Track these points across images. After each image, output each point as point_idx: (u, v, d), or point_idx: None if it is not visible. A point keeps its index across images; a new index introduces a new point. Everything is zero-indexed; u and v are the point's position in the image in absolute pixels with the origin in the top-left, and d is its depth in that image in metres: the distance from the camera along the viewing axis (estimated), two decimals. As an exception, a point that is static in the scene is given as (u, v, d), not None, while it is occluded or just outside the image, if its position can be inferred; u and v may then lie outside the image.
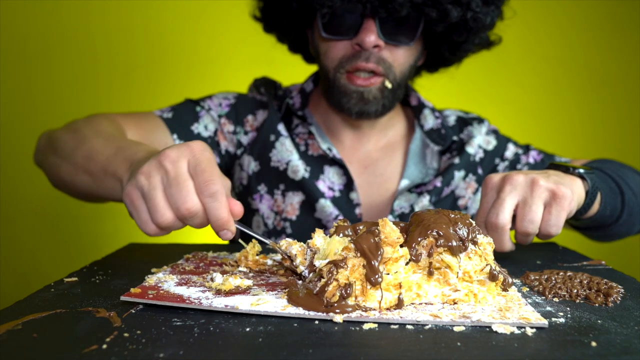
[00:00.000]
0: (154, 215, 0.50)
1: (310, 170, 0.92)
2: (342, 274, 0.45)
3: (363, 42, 0.82)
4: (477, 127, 1.00)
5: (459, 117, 1.04)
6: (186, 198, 0.49)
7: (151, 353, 0.36)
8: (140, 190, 0.51)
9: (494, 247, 0.49)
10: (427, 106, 1.01)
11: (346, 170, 0.92)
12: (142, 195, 0.51)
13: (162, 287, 0.51)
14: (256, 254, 0.60)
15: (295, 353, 0.36)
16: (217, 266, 0.61)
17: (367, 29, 0.82)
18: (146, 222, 0.52)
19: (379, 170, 0.96)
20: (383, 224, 0.47)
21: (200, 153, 0.51)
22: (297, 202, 0.92)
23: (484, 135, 1.00)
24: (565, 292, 0.52)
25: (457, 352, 0.37)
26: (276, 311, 0.44)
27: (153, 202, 0.50)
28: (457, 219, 0.49)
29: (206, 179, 0.50)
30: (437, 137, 0.98)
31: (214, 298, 0.47)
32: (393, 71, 0.86)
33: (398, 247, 0.46)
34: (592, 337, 0.40)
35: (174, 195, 0.50)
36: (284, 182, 0.93)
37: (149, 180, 0.51)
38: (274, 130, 0.94)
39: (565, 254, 0.75)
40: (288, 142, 0.94)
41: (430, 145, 0.98)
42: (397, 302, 0.46)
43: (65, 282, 0.55)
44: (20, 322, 0.42)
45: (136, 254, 0.72)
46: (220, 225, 0.51)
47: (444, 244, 0.47)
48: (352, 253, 0.46)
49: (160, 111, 0.92)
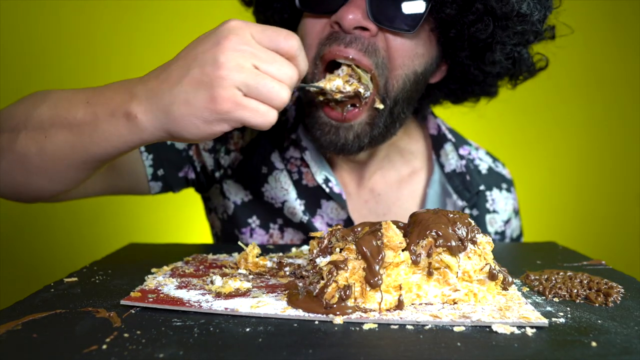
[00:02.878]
0: (273, 100, 0.47)
1: (306, 206, 0.79)
2: (341, 275, 0.45)
3: (341, 18, 0.63)
4: (503, 196, 0.85)
5: (490, 169, 0.87)
6: (290, 66, 0.49)
7: (151, 353, 0.36)
8: (246, 84, 0.46)
9: (493, 247, 0.49)
10: (449, 139, 0.83)
11: (345, 206, 0.78)
12: (248, 90, 0.46)
13: (162, 290, 0.50)
14: (255, 256, 0.60)
15: (295, 353, 0.36)
16: (217, 269, 0.61)
17: (352, 4, 0.63)
18: (266, 112, 0.48)
19: (383, 208, 0.82)
20: (387, 227, 0.46)
21: (247, 25, 0.48)
22: (298, 239, 0.81)
23: (506, 209, 0.87)
24: (565, 292, 0.52)
25: (457, 352, 0.37)
26: (276, 313, 0.44)
27: (266, 88, 0.47)
28: (456, 219, 0.49)
29: (283, 35, 0.49)
30: (460, 184, 0.81)
31: (214, 301, 0.47)
32: (385, 72, 0.66)
33: (400, 252, 0.46)
34: (592, 337, 0.40)
35: (279, 70, 0.48)
36: (281, 218, 0.80)
37: (246, 72, 0.46)
38: (265, 161, 0.79)
39: (565, 254, 0.75)
40: (283, 178, 0.79)
41: (453, 196, 0.81)
42: (398, 304, 0.46)
43: (65, 282, 0.55)
44: (20, 322, 0.42)
45: (136, 254, 0.72)
46: (303, 69, 0.51)
47: (443, 244, 0.47)
48: (353, 255, 0.46)
49: None
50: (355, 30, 0.64)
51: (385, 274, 0.46)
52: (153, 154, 0.78)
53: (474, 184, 0.81)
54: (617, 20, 1.86)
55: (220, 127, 0.48)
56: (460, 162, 0.82)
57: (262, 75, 0.46)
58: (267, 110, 0.47)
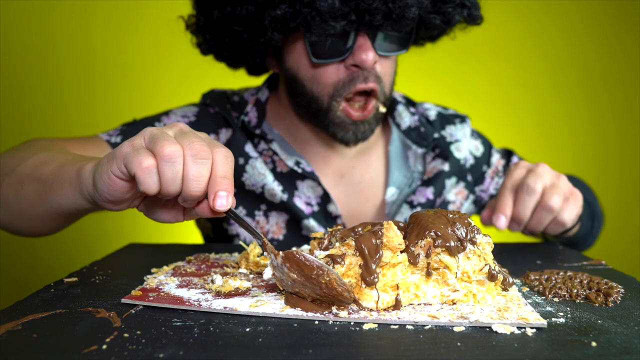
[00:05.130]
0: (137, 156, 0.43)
1: (284, 190, 0.86)
2: (337, 269, 0.45)
3: (363, 62, 0.74)
4: (459, 127, 0.95)
5: (440, 113, 0.97)
6: (165, 145, 0.43)
7: (151, 353, 0.36)
8: (133, 144, 0.44)
9: (492, 247, 0.49)
10: (399, 102, 0.94)
11: (319, 182, 0.86)
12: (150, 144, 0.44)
13: (163, 289, 0.51)
14: (257, 255, 0.60)
15: (295, 353, 0.36)
16: (218, 268, 0.61)
17: (364, 46, 0.74)
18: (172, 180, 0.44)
19: (357, 177, 0.91)
20: (388, 227, 0.46)
21: (175, 125, 0.46)
22: (282, 221, 0.87)
23: (471, 139, 0.96)
24: (565, 292, 0.52)
25: (457, 352, 0.37)
26: (274, 313, 0.44)
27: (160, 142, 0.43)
28: (456, 219, 0.49)
29: (194, 139, 0.44)
30: (417, 136, 0.92)
31: (214, 300, 0.47)
32: (383, 86, 0.79)
33: (398, 253, 0.46)
34: (592, 337, 0.40)
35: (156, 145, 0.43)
36: (264, 203, 0.87)
37: (132, 143, 0.44)
38: (241, 152, 0.86)
39: (565, 254, 0.75)
40: (259, 164, 0.86)
41: (412, 147, 0.92)
42: (395, 303, 0.46)
43: (65, 282, 0.55)
44: (20, 322, 0.42)
45: (136, 254, 0.72)
46: (195, 185, 0.43)
47: (442, 245, 0.47)
48: (352, 250, 0.46)
49: (108, 135, 0.83)
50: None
51: (381, 274, 0.46)
52: None
53: (428, 133, 0.92)
54: (617, 20, 1.86)
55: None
56: (413, 118, 0.93)
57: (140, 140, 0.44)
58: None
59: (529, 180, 0.69)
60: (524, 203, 0.69)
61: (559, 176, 0.71)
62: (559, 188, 0.69)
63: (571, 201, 0.71)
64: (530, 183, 0.69)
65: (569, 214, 0.71)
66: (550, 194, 0.69)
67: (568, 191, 0.70)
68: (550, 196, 0.69)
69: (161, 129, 0.45)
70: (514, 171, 0.72)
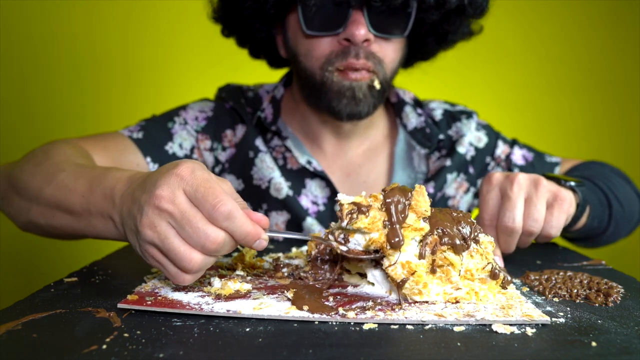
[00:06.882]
0: (181, 264, 0.45)
1: (292, 186, 0.87)
2: (361, 220, 0.46)
3: (353, 36, 0.75)
4: (466, 122, 0.95)
5: (446, 110, 0.97)
6: (205, 232, 0.43)
7: (151, 353, 0.36)
8: (154, 244, 0.45)
9: (494, 247, 0.49)
10: (407, 103, 0.95)
11: (329, 181, 0.87)
12: (159, 249, 0.46)
13: (159, 292, 0.50)
14: (252, 256, 0.60)
15: (295, 353, 0.36)
16: (212, 270, 0.59)
17: (356, 21, 0.75)
18: (176, 274, 0.46)
19: (362, 177, 0.91)
20: (419, 191, 0.47)
21: (191, 177, 0.45)
22: (282, 222, 0.88)
23: (475, 132, 0.95)
24: (565, 292, 0.52)
25: (457, 352, 0.37)
26: (280, 315, 0.44)
27: (174, 252, 0.44)
28: (460, 218, 0.49)
29: (212, 202, 0.43)
30: (422, 137, 0.92)
31: (214, 303, 0.47)
32: (383, 68, 0.79)
33: (421, 220, 0.47)
34: (592, 337, 0.40)
35: (191, 236, 0.44)
36: (266, 202, 0.88)
37: (157, 232, 0.44)
38: (251, 146, 0.88)
39: (565, 254, 0.75)
40: (268, 158, 0.88)
41: (416, 147, 0.93)
42: (401, 281, 0.47)
43: (65, 282, 0.55)
44: (20, 322, 0.42)
45: (136, 254, 0.72)
46: (251, 239, 0.45)
47: (447, 242, 0.47)
48: (378, 204, 0.47)
49: (129, 131, 0.84)
50: (363, 42, 0.76)
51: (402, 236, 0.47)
52: (159, 163, 0.83)
53: (433, 134, 0.93)
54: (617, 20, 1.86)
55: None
56: (420, 119, 0.94)
57: (170, 239, 0.45)
58: (177, 272, 0.46)
59: (506, 218, 0.62)
60: (507, 244, 0.64)
61: (537, 184, 0.63)
62: (538, 201, 0.62)
63: (556, 209, 0.63)
64: (508, 223, 0.62)
65: (554, 225, 0.64)
66: (528, 223, 0.62)
67: (551, 197, 0.63)
68: (530, 225, 0.62)
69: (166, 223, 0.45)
70: (487, 197, 0.65)
